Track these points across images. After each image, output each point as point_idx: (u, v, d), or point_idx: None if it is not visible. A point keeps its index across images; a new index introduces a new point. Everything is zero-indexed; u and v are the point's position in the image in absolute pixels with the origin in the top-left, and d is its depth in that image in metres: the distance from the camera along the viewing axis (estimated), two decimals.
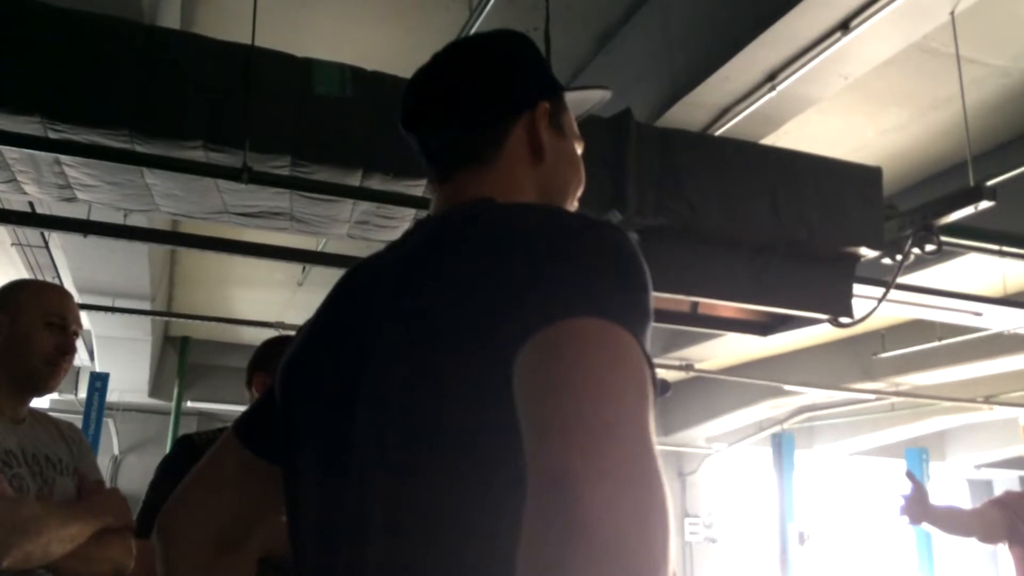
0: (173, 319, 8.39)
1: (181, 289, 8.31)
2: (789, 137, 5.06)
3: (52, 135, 2.84)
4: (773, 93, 4.22)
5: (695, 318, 4.04)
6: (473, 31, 4.03)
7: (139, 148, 2.91)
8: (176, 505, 1.08)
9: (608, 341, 0.72)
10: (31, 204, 4.28)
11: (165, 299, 7.90)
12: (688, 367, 8.54)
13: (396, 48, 4.85)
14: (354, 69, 3.12)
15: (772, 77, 4.21)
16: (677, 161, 3.43)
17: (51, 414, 2.21)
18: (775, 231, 3.51)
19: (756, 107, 4.36)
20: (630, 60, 4.84)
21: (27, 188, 3.32)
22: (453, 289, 0.86)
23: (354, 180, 3.08)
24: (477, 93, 1.04)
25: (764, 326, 4.10)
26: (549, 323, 0.73)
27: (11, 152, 2.99)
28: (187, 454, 2.50)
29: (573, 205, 1.10)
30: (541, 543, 0.62)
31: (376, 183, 3.13)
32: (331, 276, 4.90)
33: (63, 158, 3.00)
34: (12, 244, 6.07)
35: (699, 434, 11.29)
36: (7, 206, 4.13)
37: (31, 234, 5.81)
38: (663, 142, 3.45)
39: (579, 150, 1.11)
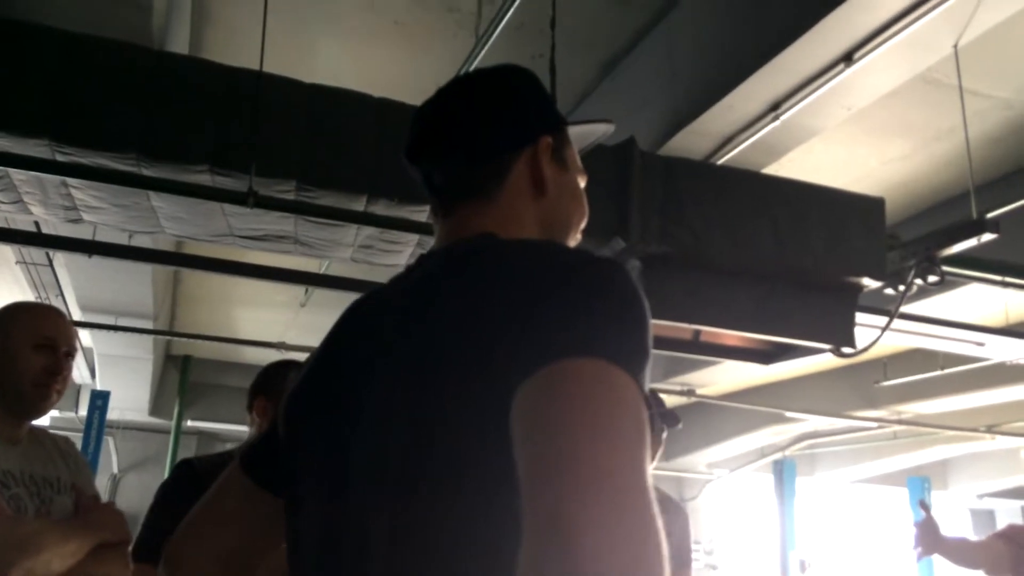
0: (175, 338, 8.40)
1: (183, 308, 8.32)
2: (792, 166, 5.08)
3: (60, 158, 2.86)
4: (776, 123, 4.25)
5: (698, 346, 4.04)
6: (479, 58, 4.06)
7: (146, 171, 2.93)
8: (183, 535, 1.09)
9: (606, 382, 0.72)
10: (37, 224, 4.30)
11: (168, 318, 7.91)
12: (690, 392, 8.52)
13: (403, 74, 4.89)
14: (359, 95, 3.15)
15: (775, 107, 4.23)
16: (680, 189, 3.44)
17: (48, 429, 2.20)
18: (778, 260, 3.52)
19: (759, 136, 4.38)
20: (635, 87, 4.87)
21: (33, 209, 3.34)
22: (455, 321, 0.86)
23: (359, 205, 3.10)
24: (479, 127, 1.05)
25: (766, 355, 4.10)
26: (548, 362, 0.73)
27: (18, 174, 3.00)
28: (186, 479, 2.49)
29: (575, 238, 1.11)
30: None
31: (381, 208, 3.14)
32: (333, 297, 4.92)
33: (70, 180, 3.02)
34: (17, 262, 6.09)
35: (700, 460, 11.26)
36: (13, 226, 4.14)
37: (36, 253, 5.84)
38: (667, 170, 3.47)
39: (582, 183, 1.12)
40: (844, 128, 4.94)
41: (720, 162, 4.54)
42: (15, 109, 2.73)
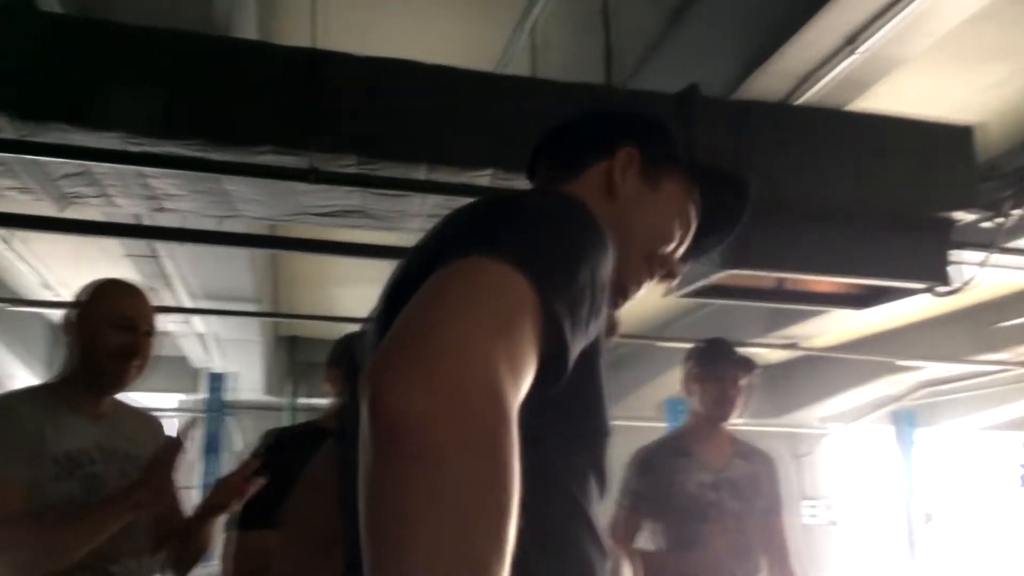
0: (282, 319, 8.70)
1: (285, 290, 8.60)
2: (880, 100, 4.83)
3: (132, 149, 2.98)
4: (855, 56, 4.03)
5: (783, 294, 3.91)
6: (535, 16, 4.00)
7: (213, 156, 3.03)
8: (294, 504, 1.21)
9: (478, 272, 0.74)
10: (137, 217, 4.51)
11: (271, 300, 8.19)
12: (793, 345, 8.27)
13: (465, 41, 4.86)
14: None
15: (852, 40, 4.02)
16: (750, 134, 3.33)
17: (138, 407, 2.27)
18: (860, 199, 3.37)
19: (838, 72, 4.17)
20: (704, 34, 4.71)
21: (119, 201, 3.50)
22: (430, 244, 0.91)
23: (420, 174, 3.12)
24: (572, 138, 1.19)
25: (859, 299, 3.93)
26: (446, 262, 0.76)
27: (98, 168, 3.15)
28: (274, 449, 2.61)
29: (639, 254, 1.14)
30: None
31: (442, 176, 3.16)
32: None
33: (145, 170, 3.15)
34: (125, 255, 6.39)
35: (813, 414, 10.95)
36: (112, 219, 4.34)
37: (140, 245, 6.12)
38: (733, 115, 3.36)
39: (677, 215, 1.17)
40: (933, 56, 4.64)
41: (799, 102, 4.36)
42: (86, 104, 2.85)
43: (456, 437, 0.61)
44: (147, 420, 2.25)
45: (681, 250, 1.20)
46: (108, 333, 2.02)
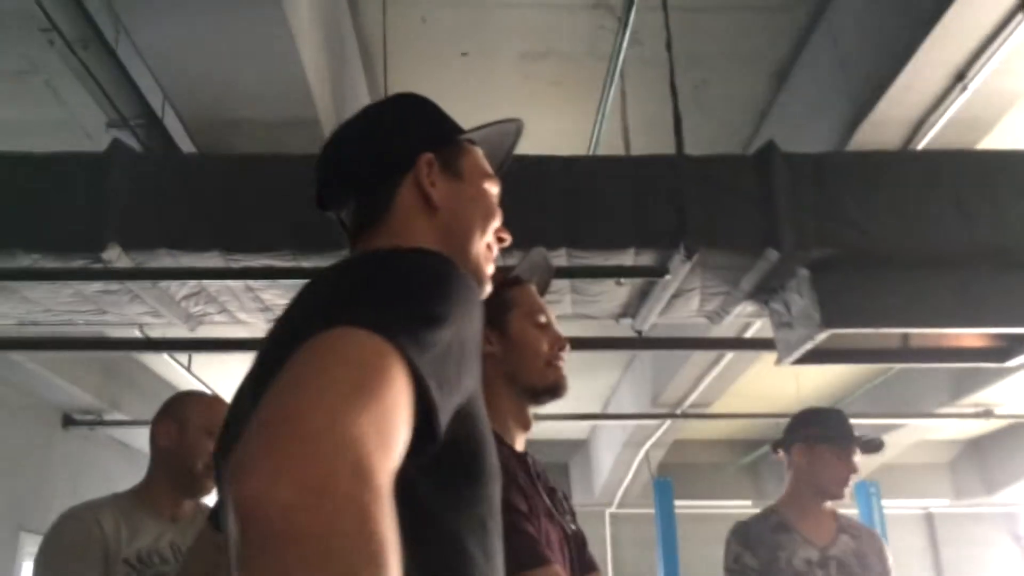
0: None
1: None
2: (1007, 138, 4.48)
3: (233, 265, 3.24)
4: (967, 93, 3.79)
5: (910, 353, 3.61)
6: (621, 94, 4.04)
7: (304, 264, 3.23)
8: None
9: (341, 343, 0.71)
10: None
11: None
12: (987, 413, 7.53)
13: (569, 128, 4.97)
14: None
15: (961, 77, 3.78)
16: (834, 184, 3.17)
17: None
18: (969, 241, 3.10)
19: (953, 112, 3.92)
20: (808, 92, 4.58)
21: (240, 316, 3.79)
22: (291, 315, 0.92)
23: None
24: (359, 163, 1.13)
25: (998, 352, 3.56)
26: (306, 338, 0.73)
27: (212, 286, 3.44)
28: None
29: (481, 239, 1.14)
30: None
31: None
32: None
33: (253, 284, 3.40)
34: None
35: None
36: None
37: None
38: (815, 167, 3.21)
39: (488, 186, 1.17)
40: None
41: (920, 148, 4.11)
42: (187, 229, 3.15)
43: (326, 524, 0.58)
44: None
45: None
46: (204, 442, 2.15)
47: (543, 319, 1.69)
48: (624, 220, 3.20)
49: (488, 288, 1.16)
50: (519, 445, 1.66)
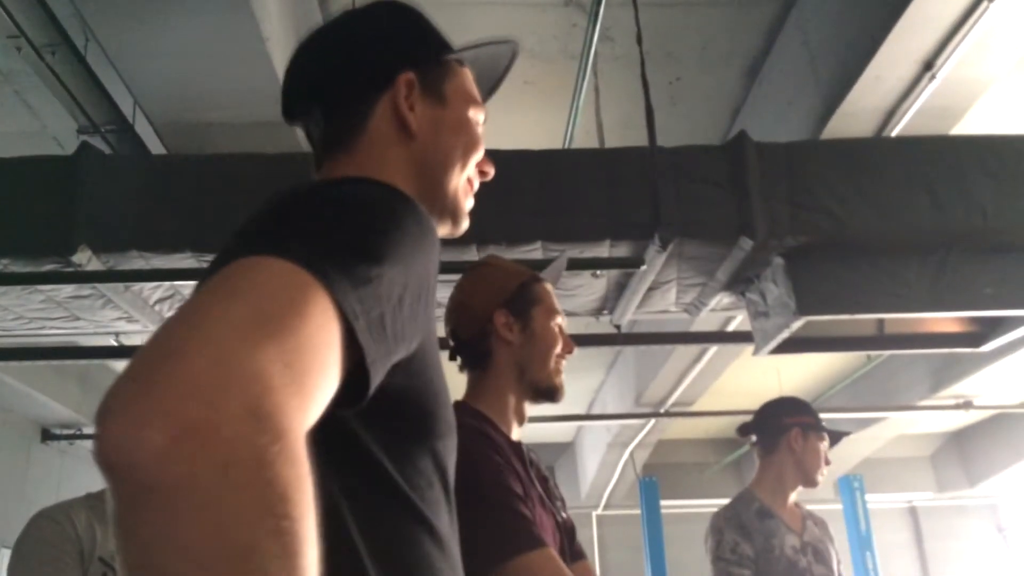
0: None
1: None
2: (982, 124, 4.53)
3: (206, 265, 3.21)
4: (936, 82, 3.83)
5: (887, 340, 3.63)
6: (595, 93, 4.05)
7: None
8: None
9: (250, 273, 0.62)
10: None
11: None
12: (966, 404, 7.58)
13: (542, 129, 4.98)
14: None
15: (929, 66, 3.82)
16: (807, 172, 3.18)
17: None
18: (942, 226, 3.12)
19: (923, 102, 3.96)
20: (781, 86, 4.61)
21: None
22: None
23: (471, 255, 3.18)
24: (331, 74, 1.02)
25: (973, 336, 3.59)
26: (219, 269, 0.65)
27: (186, 287, 3.41)
28: None
29: (461, 173, 1.03)
30: None
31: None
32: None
33: None
34: None
35: (1013, 481, 9.89)
36: None
37: None
38: (787, 155, 3.23)
39: (474, 112, 1.06)
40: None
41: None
42: (160, 230, 3.12)
43: (211, 474, 0.49)
44: None
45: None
46: None
47: (560, 320, 1.73)
48: (599, 212, 3.21)
49: (465, 225, 1.07)
50: (514, 436, 1.66)
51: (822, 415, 2.89)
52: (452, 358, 1.73)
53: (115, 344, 4.67)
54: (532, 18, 4.43)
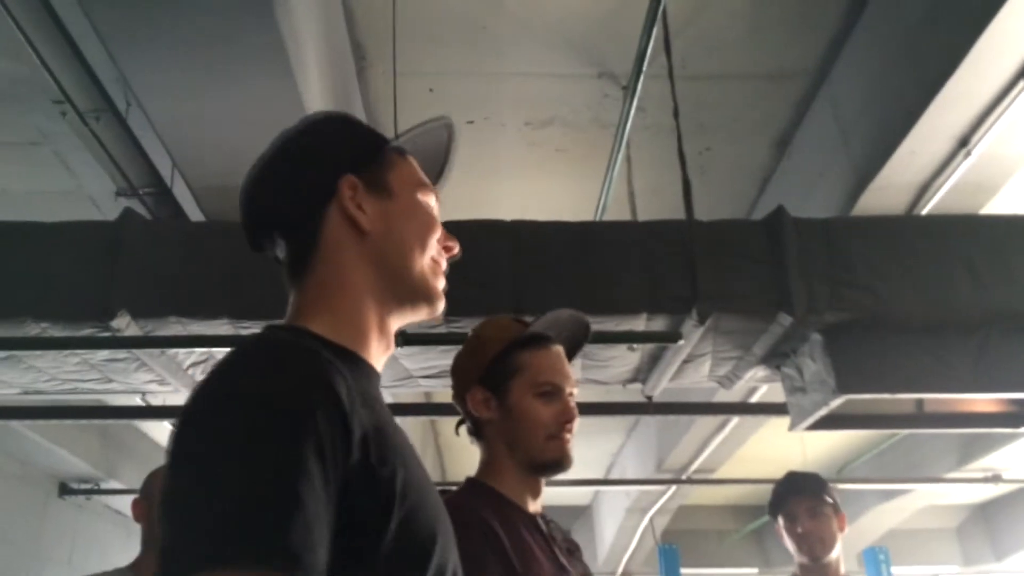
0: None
1: (448, 456, 8.73)
2: (1015, 201, 4.52)
3: (242, 332, 3.22)
4: (971, 158, 3.84)
5: (925, 418, 3.58)
6: (629, 162, 4.07)
7: None
8: None
9: None
10: None
11: (433, 466, 8.31)
12: (995, 478, 7.44)
13: (575, 195, 5.01)
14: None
15: (964, 142, 3.83)
16: (846, 248, 3.17)
17: None
18: (983, 305, 3.10)
19: (958, 178, 3.96)
20: (811, 158, 4.63)
21: None
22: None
23: None
24: (278, 200, 1.05)
25: (1013, 417, 3.53)
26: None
27: (221, 353, 3.41)
28: None
29: (422, 256, 1.06)
30: None
31: None
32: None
33: None
34: None
35: None
36: None
37: None
38: (826, 231, 3.22)
39: (422, 197, 1.09)
40: None
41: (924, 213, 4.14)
42: (198, 296, 3.13)
43: None
44: None
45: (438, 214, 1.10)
46: None
47: (549, 388, 1.58)
48: (635, 285, 3.20)
49: (441, 306, 1.08)
50: (532, 507, 1.59)
51: (848, 486, 2.81)
52: (456, 431, 1.69)
53: (141, 404, 4.66)
54: (565, 88, 4.48)
